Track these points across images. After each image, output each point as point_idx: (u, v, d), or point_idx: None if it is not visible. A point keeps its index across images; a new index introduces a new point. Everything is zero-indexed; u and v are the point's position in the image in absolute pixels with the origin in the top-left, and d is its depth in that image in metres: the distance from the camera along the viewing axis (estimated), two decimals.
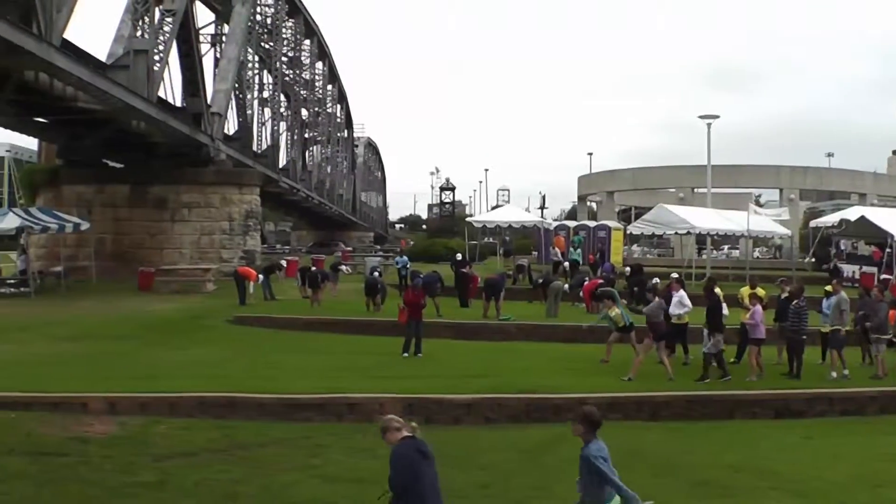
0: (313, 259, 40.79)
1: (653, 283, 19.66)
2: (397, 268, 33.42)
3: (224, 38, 48.33)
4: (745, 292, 17.86)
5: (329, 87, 79.08)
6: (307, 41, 68.32)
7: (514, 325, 22.82)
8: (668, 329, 16.36)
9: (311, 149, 74.44)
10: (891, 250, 30.86)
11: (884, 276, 27.30)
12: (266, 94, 58.99)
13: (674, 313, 16.78)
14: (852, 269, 32.63)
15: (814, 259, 38.98)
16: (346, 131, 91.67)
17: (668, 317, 16.51)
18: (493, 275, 26.57)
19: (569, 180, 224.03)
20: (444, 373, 15.90)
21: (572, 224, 44.55)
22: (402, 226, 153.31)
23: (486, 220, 43.07)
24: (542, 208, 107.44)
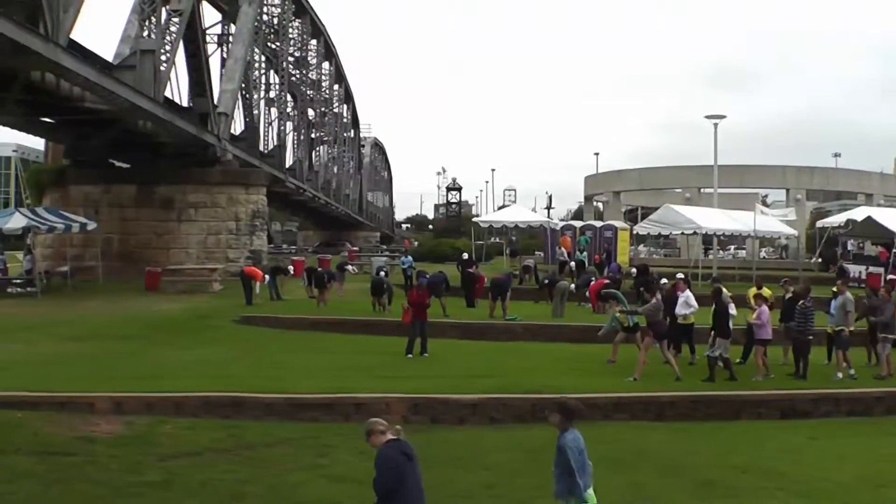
0: (319, 259, 40.88)
1: (662, 283, 19.57)
2: (403, 268, 33.51)
3: (231, 37, 48.41)
4: (752, 293, 17.88)
5: (335, 87, 79.09)
6: (314, 41, 68.28)
7: (520, 325, 22.83)
8: (670, 328, 16.36)
9: (318, 149, 74.37)
10: None
11: (890, 277, 27.21)
12: (273, 94, 59.04)
13: (679, 313, 16.79)
14: (859, 270, 32.56)
15: (820, 259, 38.89)
16: (352, 131, 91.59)
17: (670, 317, 16.52)
18: (500, 275, 26.60)
19: (575, 180, 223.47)
20: (449, 373, 15.90)
21: (579, 224, 44.64)
22: (409, 226, 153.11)
23: (493, 221, 43.09)
24: (549, 208, 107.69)
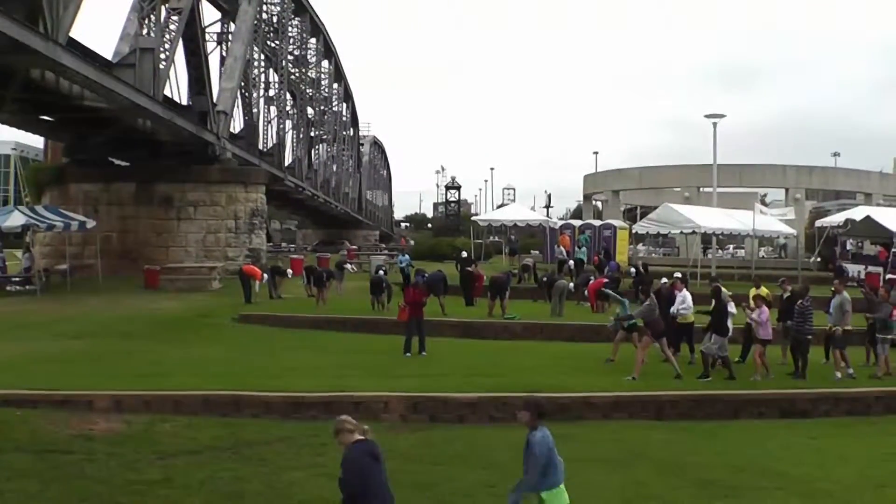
0: (319, 257, 40.84)
1: (662, 283, 19.53)
2: (400, 266, 33.53)
3: (230, 36, 48.43)
4: (752, 293, 17.89)
5: (335, 85, 79.10)
6: (313, 39, 68.28)
7: (519, 323, 22.82)
8: (668, 327, 16.36)
9: (317, 147, 74.35)
10: None
11: (889, 276, 27.24)
12: (272, 93, 59.06)
13: (673, 311, 16.79)
14: (858, 269, 32.55)
15: (819, 259, 38.88)
16: (351, 130, 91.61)
17: (665, 315, 16.52)
18: (499, 274, 26.57)
19: (574, 179, 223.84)
20: (448, 371, 15.90)
21: (578, 223, 44.57)
22: (408, 224, 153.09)
23: (492, 219, 43.04)
24: (548, 207, 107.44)
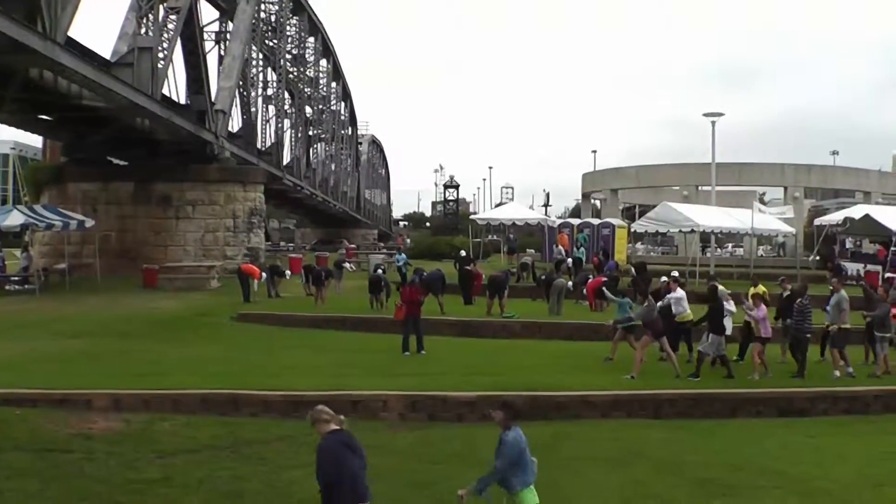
0: (317, 256, 40.85)
1: (661, 281, 19.51)
2: (398, 265, 33.56)
3: (228, 35, 48.37)
4: (750, 292, 17.91)
5: (333, 84, 79.05)
6: (311, 38, 68.24)
7: (517, 322, 22.82)
8: (667, 326, 16.36)
9: (316, 146, 74.36)
10: (895, 248, 30.79)
11: (888, 275, 27.26)
12: (270, 92, 59.03)
13: (665, 304, 16.81)
14: (856, 268, 32.56)
15: (818, 257, 38.91)
16: (350, 129, 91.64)
17: (663, 315, 16.52)
18: (497, 272, 26.57)
19: (573, 178, 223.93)
20: (447, 370, 15.90)
21: (576, 222, 44.52)
22: (406, 223, 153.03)
23: (490, 218, 43.02)
24: (546, 206, 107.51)
